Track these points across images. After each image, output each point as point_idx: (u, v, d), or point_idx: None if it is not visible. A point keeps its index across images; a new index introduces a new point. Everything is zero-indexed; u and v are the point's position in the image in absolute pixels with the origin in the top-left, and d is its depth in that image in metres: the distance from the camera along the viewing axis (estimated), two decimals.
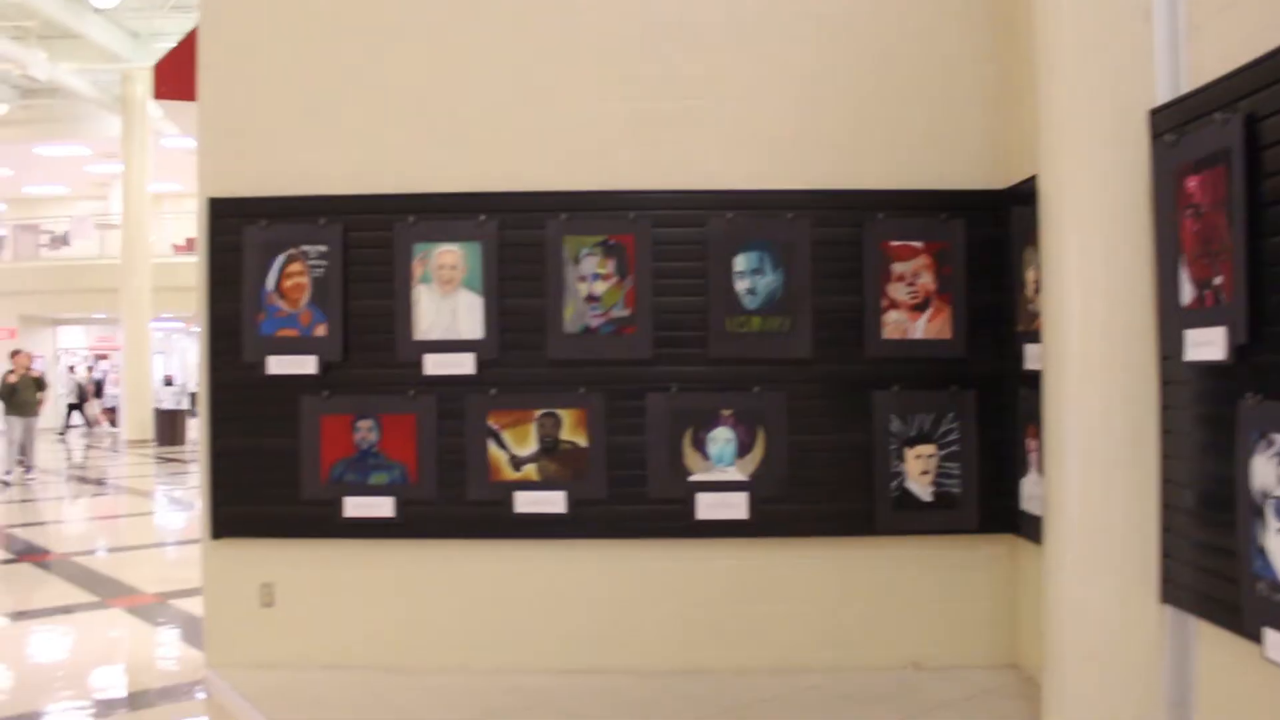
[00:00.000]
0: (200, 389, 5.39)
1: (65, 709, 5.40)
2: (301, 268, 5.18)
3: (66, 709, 5.40)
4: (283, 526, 5.24)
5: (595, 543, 5.16)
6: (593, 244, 5.11)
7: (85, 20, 22.37)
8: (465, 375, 5.12)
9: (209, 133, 5.41)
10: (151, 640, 6.79)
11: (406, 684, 5.03)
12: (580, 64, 5.25)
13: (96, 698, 5.64)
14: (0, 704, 5.51)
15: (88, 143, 29.52)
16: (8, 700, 5.57)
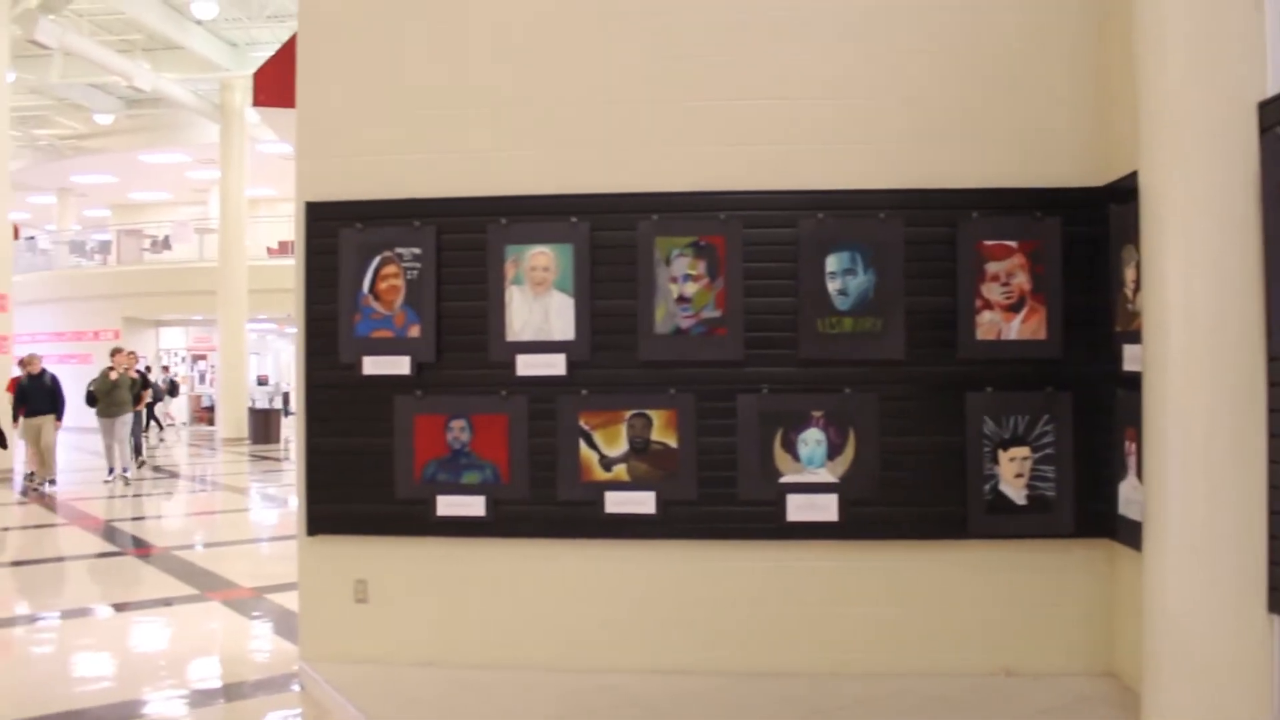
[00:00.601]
0: (297, 389, 5.49)
1: (166, 697, 5.55)
2: (396, 270, 5.25)
3: (168, 697, 5.55)
4: (376, 524, 5.31)
5: (685, 543, 5.16)
6: (684, 245, 5.11)
7: (187, 32, 23.01)
8: (557, 376, 5.15)
9: (307, 138, 5.50)
10: (248, 633, 6.94)
11: (498, 681, 5.07)
12: (671, 64, 5.24)
13: (196, 687, 5.79)
14: (104, 691, 5.70)
15: (188, 150, 30.34)
16: (112, 688, 5.74)
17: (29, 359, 15.37)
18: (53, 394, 15.20)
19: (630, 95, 5.25)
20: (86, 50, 22.03)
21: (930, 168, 5.12)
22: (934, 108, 5.15)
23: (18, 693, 5.65)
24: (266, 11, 22.94)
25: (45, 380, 15.18)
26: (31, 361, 15.29)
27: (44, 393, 15.08)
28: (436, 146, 5.35)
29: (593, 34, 5.29)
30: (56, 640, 6.91)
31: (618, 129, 5.26)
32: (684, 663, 5.13)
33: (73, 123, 30.06)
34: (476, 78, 5.35)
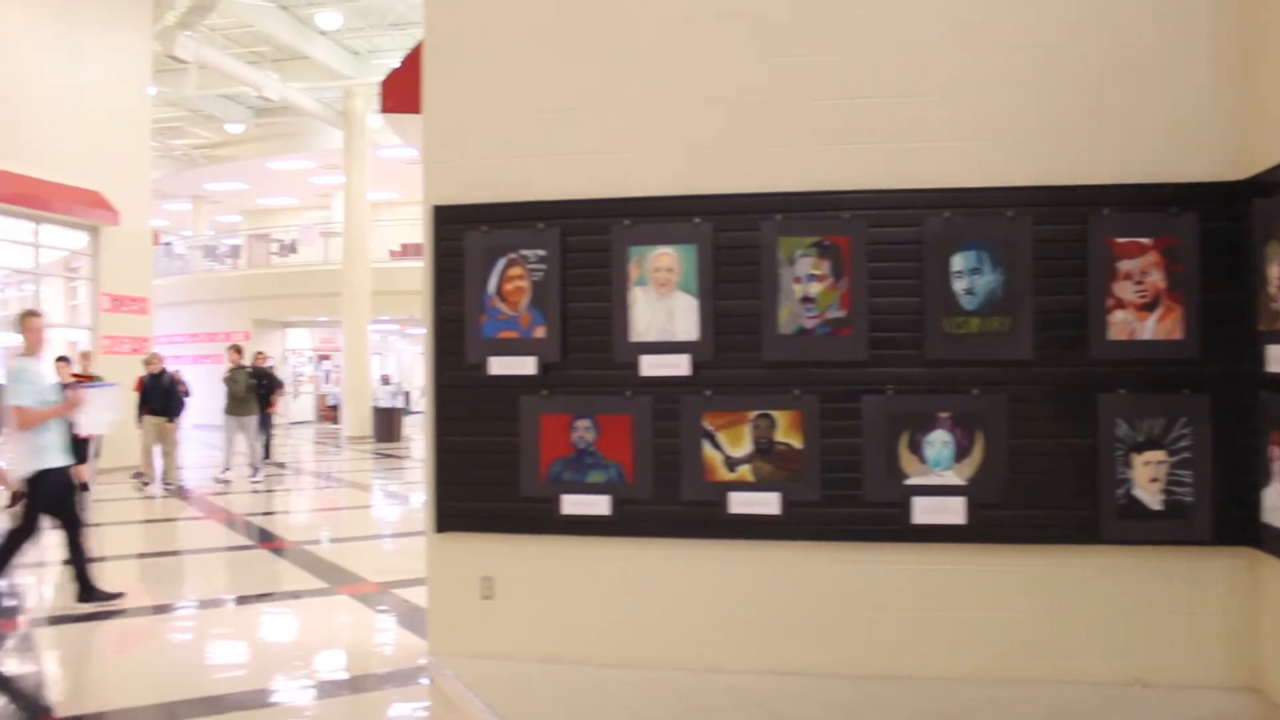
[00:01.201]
0: (426, 389, 5.60)
1: (299, 687, 5.73)
2: (521, 271, 5.33)
3: (300, 687, 5.73)
4: (503, 522, 5.39)
5: (809, 545, 5.12)
6: (808, 245, 5.08)
7: (312, 42, 23.72)
8: (681, 376, 5.16)
9: (433, 143, 5.61)
10: (375, 626, 7.11)
11: (622, 679, 5.10)
12: (794, 63, 5.21)
13: (327, 678, 5.97)
14: (239, 679, 5.90)
15: (313, 156, 31.22)
16: (247, 676, 5.93)
17: (150, 358, 15.50)
18: (168, 394, 15.20)
19: (754, 95, 5.23)
20: (220, 63, 22.89)
21: (1059, 163, 5.00)
22: (1063, 101, 5.02)
23: (158, 678, 5.89)
24: (388, 20, 23.48)
25: (163, 381, 15.22)
26: (152, 360, 15.39)
27: (160, 392, 15.09)
28: (560, 149, 5.41)
29: (715, 34, 5.29)
30: (193, 629, 7.17)
31: (741, 129, 5.24)
32: (806, 665, 5.10)
33: (206, 133, 31.24)
34: (599, 80, 5.39)
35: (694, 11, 5.33)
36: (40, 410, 7.13)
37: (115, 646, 6.86)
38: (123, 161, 17.76)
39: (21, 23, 15.85)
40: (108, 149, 17.33)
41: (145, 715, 5.23)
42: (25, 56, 15.83)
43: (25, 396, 7.08)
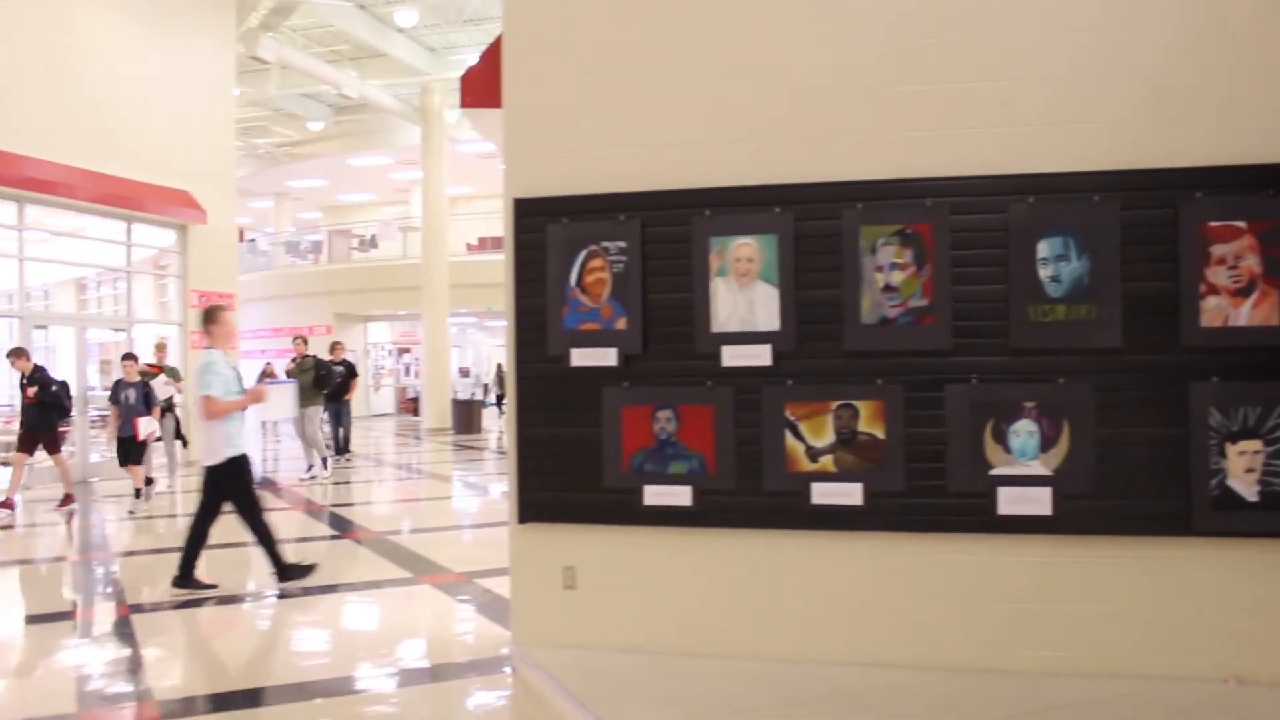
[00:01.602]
0: (508, 381, 5.65)
1: (384, 674, 5.83)
2: (602, 263, 5.35)
3: (385, 674, 5.83)
4: (585, 512, 5.42)
5: (892, 535, 5.08)
6: (889, 233, 5.03)
7: (389, 39, 24.04)
8: (762, 367, 5.15)
9: (513, 137, 5.64)
10: (458, 615, 7.19)
11: (703, 669, 5.10)
12: (872, 48, 5.16)
13: (412, 666, 6.06)
14: (326, 666, 6.02)
15: (391, 152, 31.64)
16: (333, 663, 6.05)
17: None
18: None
19: (832, 82, 5.19)
20: (300, 63, 23.31)
21: (1148, 147, 4.88)
22: (1153, 81, 4.90)
23: (248, 664, 6.03)
24: (464, 16, 23.71)
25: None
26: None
27: None
28: (640, 140, 5.42)
29: (793, 21, 5.26)
30: (280, 617, 7.33)
31: (820, 117, 5.20)
32: (890, 656, 5.06)
33: (288, 131, 31.81)
34: (679, 71, 5.38)
35: (768, 1, 5.30)
36: (227, 401, 7.52)
37: (209, 633, 7.03)
38: (209, 161, 18.17)
39: (114, 32, 16.29)
40: (195, 149, 17.74)
41: (236, 700, 5.35)
42: (118, 64, 16.28)
43: (214, 387, 7.46)
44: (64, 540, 10.77)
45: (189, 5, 17.95)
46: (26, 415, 11.97)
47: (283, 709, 5.25)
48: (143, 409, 12.16)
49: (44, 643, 6.73)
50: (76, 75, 15.50)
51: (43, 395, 11.73)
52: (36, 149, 14.57)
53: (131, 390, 12.17)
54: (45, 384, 11.89)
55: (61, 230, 16.75)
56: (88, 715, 5.15)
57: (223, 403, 7.49)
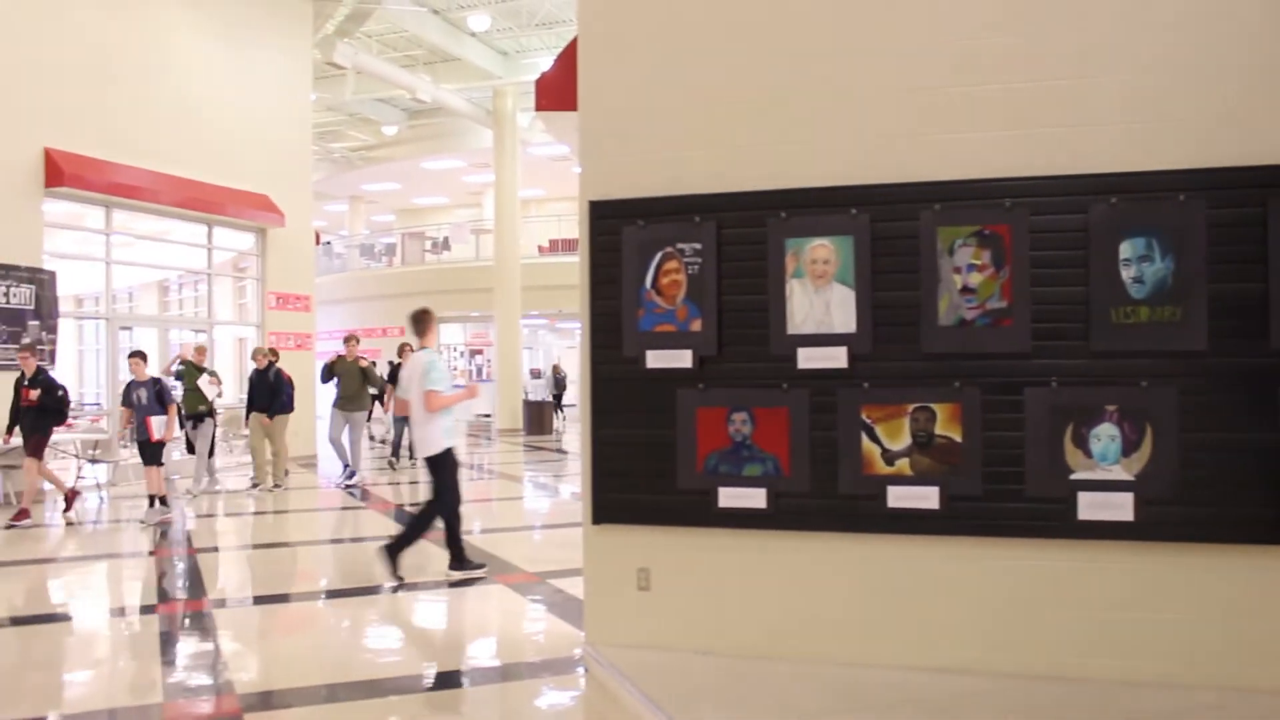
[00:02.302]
0: (582, 382, 5.67)
1: (459, 672, 5.88)
2: (677, 265, 5.36)
3: (460, 672, 5.88)
4: (659, 514, 5.43)
5: (969, 540, 5.02)
6: (967, 234, 4.98)
7: (462, 44, 24.29)
8: (838, 369, 5.12)
9: (588, 139, 5.68)
10: (532, 615, 7.21)
11: (775, 672, 5.10)
12: (948, 47, 5.10)
13: (486, 664, 6.11)
14: (401, 663, 6.07)
15: (463, 156, 31.95)
16: (409, 661, 6.10)
17: (255, 352, 14.92)
18: (274, 391, 14.36)
19: (909, 82, 5.15)
20: (375, 68, 23.64)
21: (1235, 144, 4.75)
22: (1239, 77, 4.78)
23: (323, 660, 6.12)
24: (536, 19, 23.86)
25: (269, 376, 14.39)
26: (257, 355, 14.76)
27: (265, 389, 14.36)
28: (715, 142, 5.41)
29: (869, 22, 5.23)
30: (355, 615, 7.40)
31: (896, 117, 5.16)
32: (965, 662, 5.01)
33: (363, 135, 32.23)
34: (753, 72, 5.37)
35: (844, 1, 5.27)
36: (449, 395, 8.14)
37: (284, 628, 7.16)
38: (287, 166, 18.50)
39: (196, 41, 16.67)
40: (274, 154, 18.08)
41: (309, 695, 5.43)
42: (200, 72, 16.66)
43: (440, 383, 8.04)
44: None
45: (267, 14, 18.30)
46: (24, 418, 11.19)
47: (356, 705, 5.31)
48: (157, 408, 11.46)
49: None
50: (160, 83, 15.88)
51: (45, 399, 11.08)
52: (123, 155, 14.95)
53: (143, 390, 11.48)
54: (50, 387, 11.24)
55: (145, 234, 17.16)
56: (117, 711, 5.26)
57: (446, 397, 8.09)
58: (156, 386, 11.47)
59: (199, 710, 5.22)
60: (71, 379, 24.73)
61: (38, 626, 7.24)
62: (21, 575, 8.97)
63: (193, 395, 13.74)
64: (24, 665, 6.25)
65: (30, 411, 11.07)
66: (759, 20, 5.39)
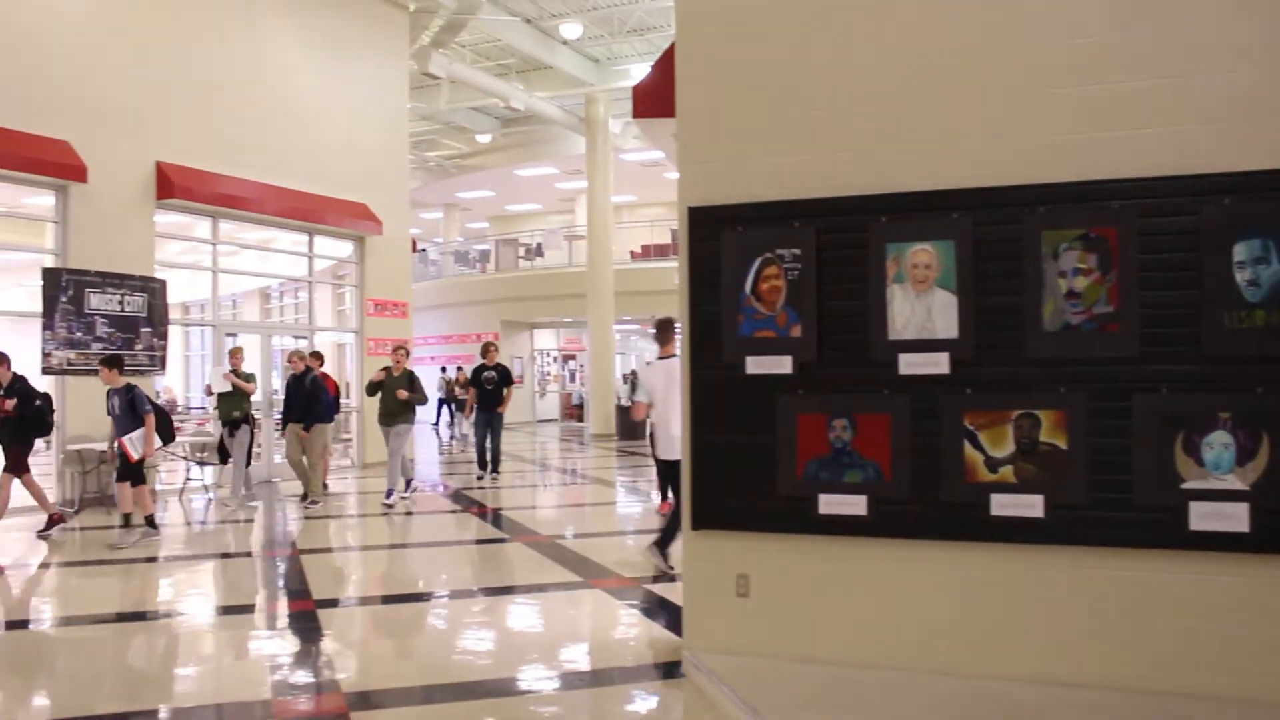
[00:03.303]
0: (683, 388, 5.67)
1: (557, 674, 5.91)
2: (777, 271, 5.35)
3: (558, 674, 5.91)
4: (758, 520, 5.42)
5: (1074, 549, 4.92)
6: (1073, 238, 4.89)
7: (554, 52, 24.52)
8: (940, 375, 5.07)
9: (687, 145, 5.69)
10: (630, 620, 7.23)
11: (875, 680, 5.07)
12: (1052, 46, 5.01)
13: (584, 668, 6.14)
14: (497, 667, 6.11)
15: (556, 162, 32.22)
16: (506, 664, 6.13)
17: (292, 356, 13.98)
18: (310, 398, 13.39)
19: (1011, 83, 5.07)
20: (470, 77, 23.99)
21: None
22: None
23: (422, 662, 6.22)
24: (627, 26, 23.99)
25: (305, 383, 13.46)
26: (294, 359, 13.83)
27: (302, 397, 13.44)
28: (814, 147, 5.39)
29: (968, 23, 5.17)
30: (454, 618, 7.51)
31: (998, 119, 5.09)
32: (1070, 674, 4.91)
33: (457, 144, 32.69)
34: (852, 76, 5.34)
35: (956, 4, 5.22)
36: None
37: (389, 629, 7.28)
38: (385, 175, 18.84)
39: (295, 54, 17.07)
40: (372, 164, 18.42)
41: (406, 696, 5.53)
42: (299, 85, 17.06)
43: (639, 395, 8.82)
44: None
45: (365, 27, 18.65)
46: (3, 430, 10.32)
47: (452, 706, 5.39)
48: (129, 421, 10.43)
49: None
50: (263, 96, 16.30)
51: (23, 409, 10.28)
52: (228, 167, 15.38)
53: (116, 398, 10.49)
54: (27, 396, 10.39)
55: (249, 243, 17.62)
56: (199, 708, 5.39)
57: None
58: (129, 395, 10.41)
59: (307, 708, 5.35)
60: (178, 384, 25.52)
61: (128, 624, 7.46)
62: (129, 574, 9.24)
63: (227, 401, 13.25)
64: (131, 661, 6.45)
65: (8, 423, 10.27)
66: (858, 24, 5.36)
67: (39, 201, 13.59)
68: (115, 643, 6.84)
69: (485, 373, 15.54)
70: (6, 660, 6.49)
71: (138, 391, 10.48)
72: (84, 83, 13.38)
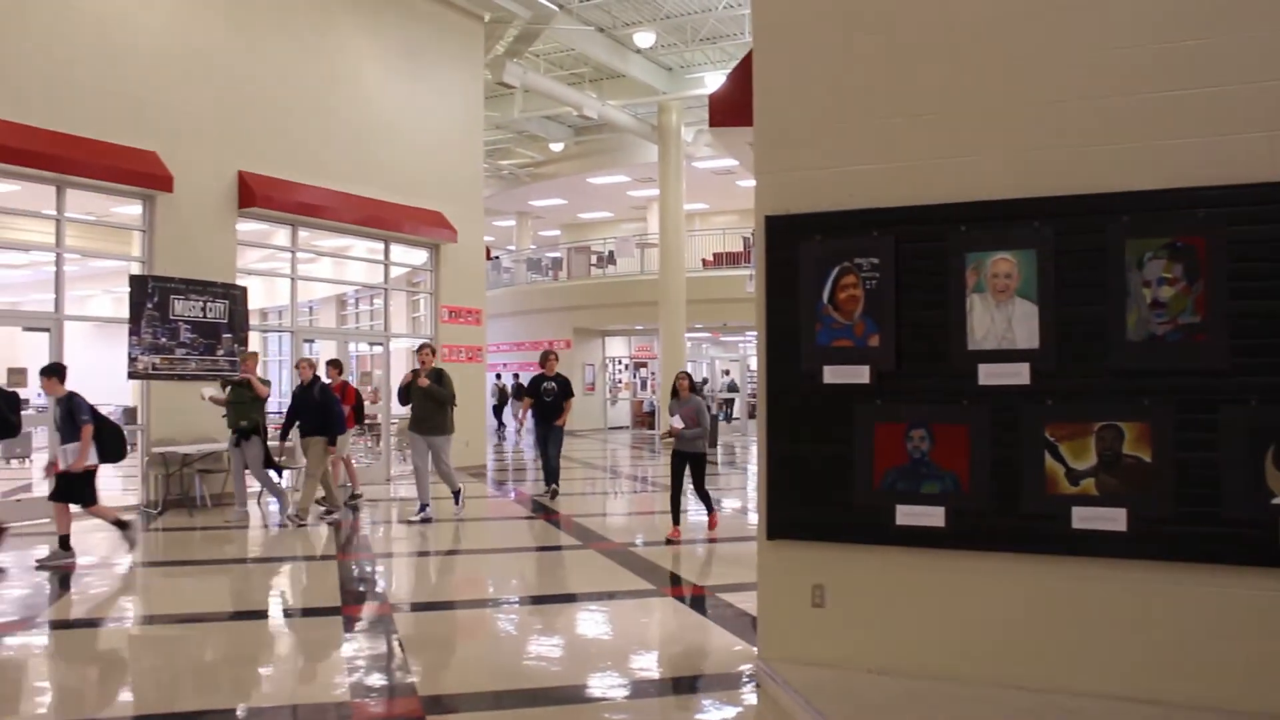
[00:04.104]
0: (759, 397, 5.66)
1: (629, 682, 5.94)
2: (855, 280, 5.32)
3: (630, 682, 5.94)
4: (834, 531, 5.40)
5: (1158, 565, 4.81)
6: (1158, 246, 4.80)
7: (627, 61, 24.64)
8: (1020, 385, 5.00)
9: (764, 154, 5.68)
10: (702, 629, 7.22)
11: (952, 694, 5.01)
12: (1138, 52, 4.92)
13: (657, 676, 6.17)
14: (570, 674, 6.11)
15: (628, 170, 32.33)
16: (579, 670, 6.13)
17: (300, 363, 13.00)
18: (321, 410, 12.37)
19: (1093, 90, 4.99)
20: (543, 86, 24.17)
21: None
22: None
23: (496, 666, 6.26)
24: (700, 35, 24.02)
25: (314, 393, 12.47)
26: (301, 367, 12.89)
27: (311, 408, 12.42)
28: (892, 155, 5.36)
29: (1050, 29, 5.09)
30: (526, 623, 7.55)
31: (1081, 125, 5.00)
32: (1153, 691, 4.80)
33: (530, 152, 32.94)
34: (930, 83, 5.30)
35: (1034, 9, 5.15)
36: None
37: (461, 634, 7.35)
38: (459, 183, 19.04)
39: (372, 65, 17.34)
40: (447, 172, 18.64)
41: (482, 701, 5.59)
42: (376, 95, 17.33)
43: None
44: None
45: (440, 38, 18.87)
46: None
47: (524, 713, 5.41)
48: (69, 432, 9.52)
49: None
50: (340, 106, 16.59)
51: None
52: (306, 176, 15.66)
53: (58, 409, 9.70)
54: None
55: (326, 251, 17.91)
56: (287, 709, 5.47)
57: None
58: (68, 404, 9.56)
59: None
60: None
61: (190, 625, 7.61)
62: (202, 575, 9.42)
63: (237, 408, 12.58)
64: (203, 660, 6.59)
65: None
66: (937, 32, 5.32)
67: (126, 210, 13.96)
68: (196, 641, 7.00)
69: (544, 383, 14.62)
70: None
71: (77, 399, 9.61)
72: (170, 95, 13.73)
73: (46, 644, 7.02)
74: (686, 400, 11.01)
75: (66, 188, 12.69)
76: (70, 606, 8.07)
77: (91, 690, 5.94)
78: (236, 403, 12.70)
